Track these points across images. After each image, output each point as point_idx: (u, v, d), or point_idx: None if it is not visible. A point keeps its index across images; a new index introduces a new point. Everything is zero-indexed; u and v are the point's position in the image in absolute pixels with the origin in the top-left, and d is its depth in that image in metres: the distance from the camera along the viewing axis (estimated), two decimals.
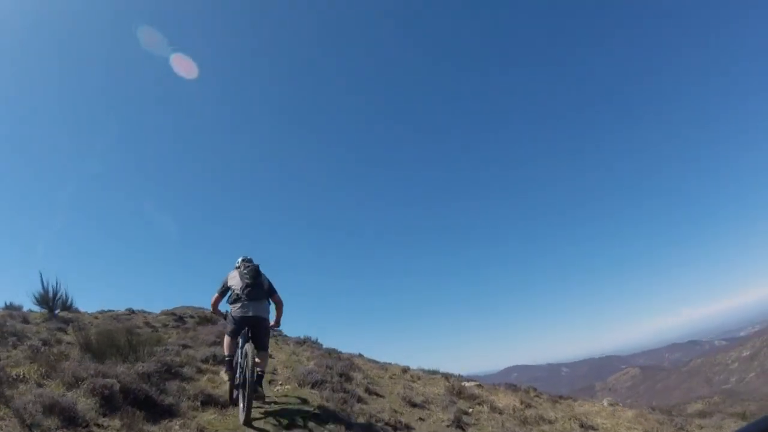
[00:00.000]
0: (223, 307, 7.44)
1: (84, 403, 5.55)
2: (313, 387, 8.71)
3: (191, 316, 25.19)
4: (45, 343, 9.20)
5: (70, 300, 14.92)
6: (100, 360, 7.81)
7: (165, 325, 20.36)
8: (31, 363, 6.98)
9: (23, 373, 6.49)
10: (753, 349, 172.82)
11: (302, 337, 21.53)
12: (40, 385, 6.28)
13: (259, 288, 6.89)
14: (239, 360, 6.59)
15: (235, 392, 6.87)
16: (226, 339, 6.93)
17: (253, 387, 6.07)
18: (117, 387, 5.96)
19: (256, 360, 6.38)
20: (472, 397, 11.83)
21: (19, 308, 15.19)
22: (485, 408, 10.80)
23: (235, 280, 6.99)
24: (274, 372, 10.52)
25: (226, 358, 6.84)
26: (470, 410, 10.51)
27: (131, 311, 23.88)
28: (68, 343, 9.57)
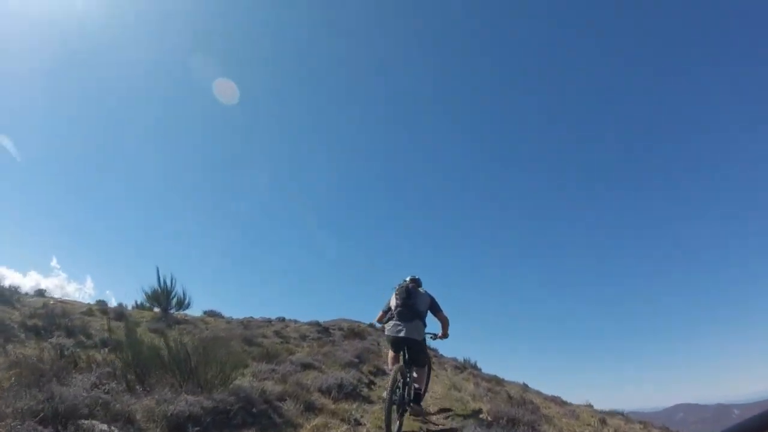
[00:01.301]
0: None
1: None
2: None
3: (340, 329, 22.12)
4: (104, 343, 6.35)
5: (187, 300, 12.43)
6: (140, 380, 4.55)
7: (303, 337, 17.41)
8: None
9: None
10: None
11: (461, 360, 17.98)
12: None
13: (409, 308, 6.45)
14: (396, 377, 5.88)
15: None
16: (390, 354, 6.69)
17: (405, 406, 5.95)
18: None
19: (414, 375, 6.36)
20: None
21: (137, 306, 13.10)
22: None
23: (393, 300, 6.71)
24: (426, 415, 6.85)
25: (389, 371, 6.48)
26: None
27: (282, 320, 21.54)
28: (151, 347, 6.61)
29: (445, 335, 6.91)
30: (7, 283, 12.44)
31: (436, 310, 6.71)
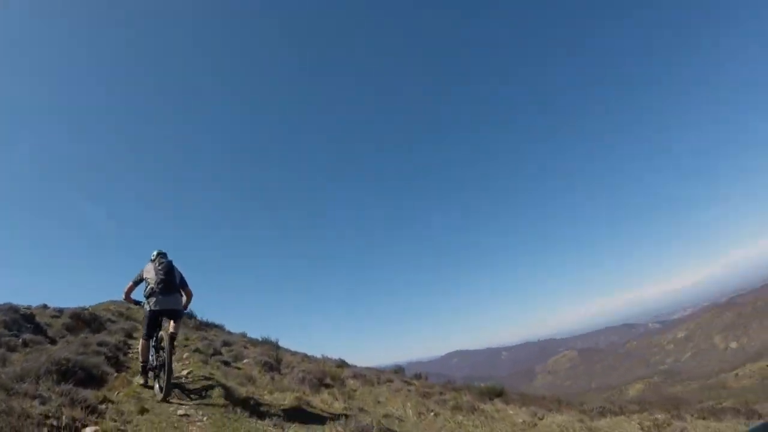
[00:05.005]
0: (137, 296, 7.38)
1: None
2: None
3: (78, 317, 14.37)
4: None
5: None
6: None
7: None
8: None
9: None
10: (688, 331, 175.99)
11: (259, 338, 16.73)
12: None
13: (172, 283, 7.02)
14: (154, 344, 6.92)
15: (149, 374, 7.09)
16: (142, 342, 7.07)
17: (171, 368, 6.46)
18: None
19: (171, 331, 6.79)
20: None
21: None
22: None
23: (150, 274, 7.08)
24: None
25: (142, 365, 7.06)
26: None
27: None
28: None
29: (186, 307, 7.50)
30: None
31: (184, 284, 7.32)
